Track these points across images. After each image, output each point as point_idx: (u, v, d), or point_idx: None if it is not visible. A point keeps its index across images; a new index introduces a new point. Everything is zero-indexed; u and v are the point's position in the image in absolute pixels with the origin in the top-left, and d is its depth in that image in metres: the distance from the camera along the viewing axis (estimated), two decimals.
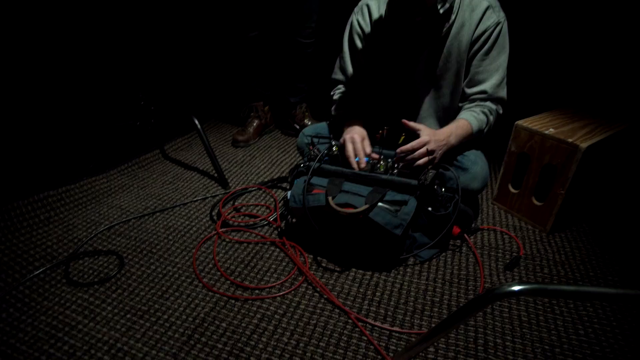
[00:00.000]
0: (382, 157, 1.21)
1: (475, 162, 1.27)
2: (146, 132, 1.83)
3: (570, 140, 1.23)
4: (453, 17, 1.18)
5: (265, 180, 1.64)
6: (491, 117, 1.28)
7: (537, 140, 1.31)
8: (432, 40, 1.23)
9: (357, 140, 1.22)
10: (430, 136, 1.16)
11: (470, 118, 1.25)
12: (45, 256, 1.20)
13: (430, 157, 1.14)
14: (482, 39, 1.20)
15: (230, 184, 1.62)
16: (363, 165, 1.19)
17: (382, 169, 1.18)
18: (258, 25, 1.76)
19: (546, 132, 1.29)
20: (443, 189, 1.15)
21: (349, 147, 1.21)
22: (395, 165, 1.18)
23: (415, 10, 1.11)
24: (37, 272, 1.13)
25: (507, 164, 1.43)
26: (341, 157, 1.25)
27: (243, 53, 1.83)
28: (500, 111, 1.32)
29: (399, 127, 1.21)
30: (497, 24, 1.19)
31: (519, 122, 1.37)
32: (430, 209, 1.15)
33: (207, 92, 2.39)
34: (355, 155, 1.21)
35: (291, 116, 2.06)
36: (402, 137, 1.22)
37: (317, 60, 1.94)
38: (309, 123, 2.00)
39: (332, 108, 1.45)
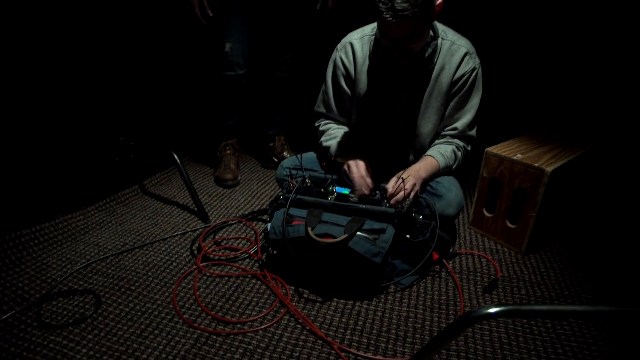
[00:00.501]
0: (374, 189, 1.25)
1: (450, 189, 1.32)
2: (125, 167, 1.82)
3: (536, 164, 1.30)
4: (435, 60, 1.27)
5: (246, 212, 1.65)
6: (459, 154, 1.37)
7: (507, 166, 1.37)
8: (415, 80, 1.31)
9: (362, 171, 1.26)
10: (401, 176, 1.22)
11: (437, 156, 1.33)
12: (15, 299, 1.15)
13: (408, 190, 1.18)
14: (460, 82, 1.29)
15: (211, 218, 1.62)
16: (367, 192, 1.23)
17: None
18: (249, 62, 1.78)
19: (514, 157, 1.35)
20: (420, 216, 1.19)
21: (355, 170, 1.25)
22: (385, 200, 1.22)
23: (403, 55, 1.18)
24: (5, 316, 1.08)
25: (480, 189, 1.49)
26: (345, 179, 1.30)
27: (219, 90, 1.83)
28: (469, 148, 1.41)
29: (384, 160, 1.26)
30: (474, 69, 1.28)
31: (489, 149, 1.43)
32: (408, 236, 1.17)
33: (185, 127, 2.41)
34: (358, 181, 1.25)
35: (269, 149, 2.08)
36: (408, 175, 1.25)
37: (294, 92, 1.99)
38: (288, 155, 2.03)
39: (321, 140, 1.48)
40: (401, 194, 1.17)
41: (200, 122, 2.33)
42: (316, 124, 1.52)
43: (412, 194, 1.19)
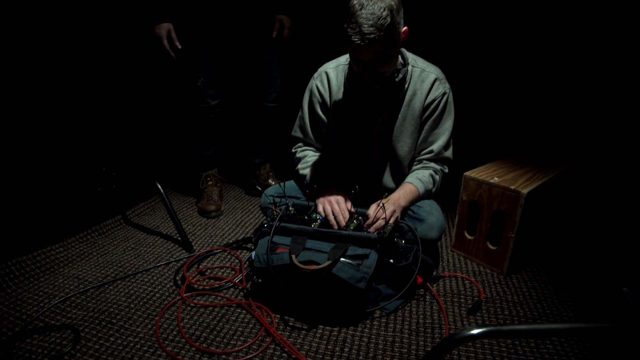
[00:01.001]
0: (356, 214, 1.27)
1: (431, 213, 1.35)
2: (107, 198, 1.81)
3: (513, 187, 1.34)
4: (406, 85, 1.34)
5: (230, 241, 1.64)
6: (437, 177, 1.41)
7: (485, 189, 1.42)
8: (388, 105, 1.36)
9: (340, 201, 1.29)
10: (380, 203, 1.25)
11: (415, 182, 1.37)
12: None
13: (387, 217, 1.21)
14: (432, 106, 1.35)
15: (195, 247, 1.60)
16: (342, 224, 1.25)
17: (352, 227, 1.23)
18: (221, 93, 1.84)
19: (491, 181, 1.40)
20: (403, 241, 1.21)
21: (328, 208, 1.27)
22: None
23: (374, 79, 1.24)
24: None
25: (460, 212, 1.52)
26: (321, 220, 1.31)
27: (195, 121, 1.86)
28: (446, 170, 1.45)
29: (362, 184, 1.29)
30: (444, 94, 1.35)
31: (467, 173, 1.48)
32: (391, 260, 1.19)
33: (168, 157, 2.41)
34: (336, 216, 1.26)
35: (255, 177, 2.10)
36: (387, 197, 1.28)
37: (280, 121, 2.03)
38: (273, 183, 2.05)
39: (298, 167, 1.52)
40: (381, 221, 1.20)
41: (183, 152, 2.34)
42: (293, 150, 1.56)
43: (392, 220, 1.22)
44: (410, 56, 1.36)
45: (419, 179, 1.38)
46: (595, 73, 1.92)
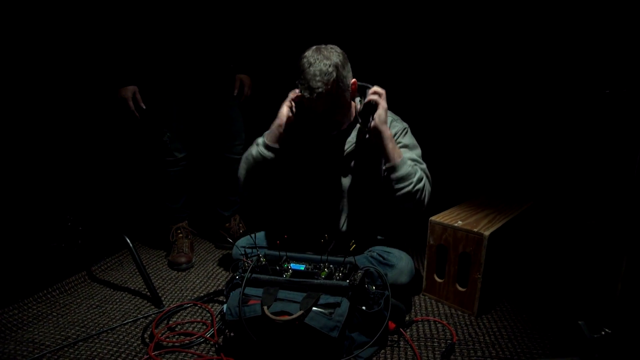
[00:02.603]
0: (327, 263, 1.28)
1: (400, 258, 1.39)
2: (72, 253, 1.75)
3: (476, 229, 1.41)
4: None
5: (202, 295, 1.61)
6: (424, 174, 1.38)
7: (450, 233, 1.48)
8: (345, 146, 1.44)
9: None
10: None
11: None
12: None
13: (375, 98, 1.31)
14: (395, 140, 1.41)
15: (165, 302, 1.56)
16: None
17: (323, 275, 1.24)
18: (187, 146, 1.89)
19: (456, 224, 1.47)
20: (374, 287, 1.23)
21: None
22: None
23: (330, 127, 1.34)
24: None
25: (429, 256, 1.57)
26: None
27: (162, 175, 1.89)
28: (429, 187, 1.41)
29: (317, 225, 1.32)
30: (404, 129, 1.46)
31: (433, 217, 1.54)
32: (363, 307, 1.20)
33: (138, 210, 2.37)
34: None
35: (225, 229, 2.09)
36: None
37: None
38: (244, 234, 2.05)
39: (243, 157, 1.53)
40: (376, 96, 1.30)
41: (151, 205, 2.32)
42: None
43: (380, 102, 1.31)
44: None
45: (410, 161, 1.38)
46: (544, 123, 2.09)
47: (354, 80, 1.33)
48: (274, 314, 1.09)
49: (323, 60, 1.23)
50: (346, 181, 1.47)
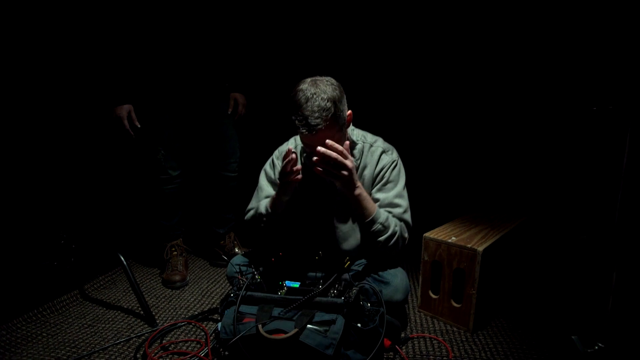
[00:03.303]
0: (321, 280, 1.27)
1: (395, 275, 1.39)
2: (64, 272, 1.73)
3: (469, 245, 1.42)
4: (359, 161, 1.43)
5: (196, 313, 1.59)
6: (398, 227, 1.37)
7: (444, 249, 1.49)
8: None
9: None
10: (353, 168, 1.26)
11: (380, 209, 1.37)
12: None
13: (339, 170, 1.23)
14: (381, 173, 1.43)
15: (158, 321, 1.54)
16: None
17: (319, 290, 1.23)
18: (182, 164, 1.89)
19: (449, 240, 1.48)
20: (369, 304, 1.23)
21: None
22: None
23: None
24: None
25: (423, 272, 1.57)
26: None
27: (157, 192, 1.89)
28: (406, 234, 1.41)
29: (326, 250, 1.32)
30: (392, 162, 1.44)
31: (427, 234, 1.55)
32: (359, 324, 1.20)
33: (132, 228, 2.37)
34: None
35: (220, 247, 2.09)
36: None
37: (242, 191, 2.06)
38: (239, 252, 2.04)
39: (255, 215, 1.47)
40: (334, 154, 1.21)
41: (146, 223, 2.31)
42: (246, 217, 1.52)
43: (343, 161, 1.22)
44: (359, 134, 1.48)
45: (383, 211, 1.37)
46: (535, 141, 2.13)
47: (349, 112, 1.32)
48: (269, 332, 1.08)
49: (321, 94, 1.20)
50: (341, 209, 1.47)
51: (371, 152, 1.45)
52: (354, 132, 1.47)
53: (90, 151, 2.15)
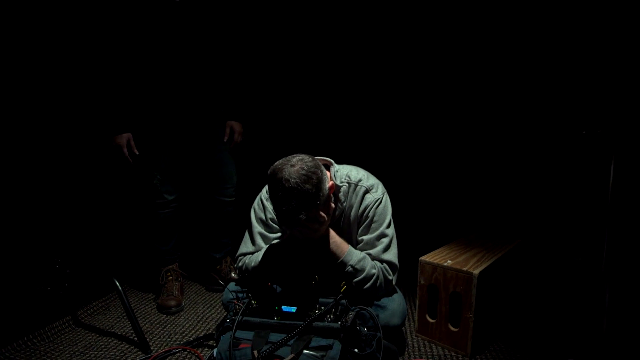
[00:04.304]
0: (318, 304, 1.26)
1: (392, 299, 1.39)
2: (57, 297, 1.71)
3: (465, 268, 1.43)
4: (344, 203, 1.44)
5: (191, 339, 1.57)
6: (375, 269, 1.37)
7: (440, 272, 1.49)
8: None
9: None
10: (327, 224, 1.32)
11: (356, 251, 1.38)
12: None
13: (311, 223, 1.26)
14: (365, 213, 1.43)
15: (152, 347, 1.51)
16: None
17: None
18: (178, 188, 1.91)
19: (445, 264, 1.48)
20: (365, 329, 1.22)
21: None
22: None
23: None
24: None
25: (420, 296, 1.57)
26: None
27: (152, 216, 1.90)
28: (390, 276, 1.40)
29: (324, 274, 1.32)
30: (376, 200, 1.43)
31: (422, 257, 1.56)
32: (356, 349, 1.19)
33: (127, 252, 2.35)
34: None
35: (216, 271, 2.08)
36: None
37: (238, 216, 2.05)
38: (235, 276, 2.03)
39: (249, 266, 1.46)
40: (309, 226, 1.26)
41: (141, 247, 2.30)
42: (240, 264, 1.51)
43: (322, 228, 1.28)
44: (342, 174, 1.45)
45: (359, 254, 1.38)
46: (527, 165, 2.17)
47: (331, 183, 1.31)
48: (265, 358, 1.07)
49: (296, 196, 1.17)
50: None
51: (356, 192, 1.43)
52: (338, 174, 1.44)
53: (86, 175, 2.16)
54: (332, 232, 1.37)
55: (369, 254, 1.40)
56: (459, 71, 2.30)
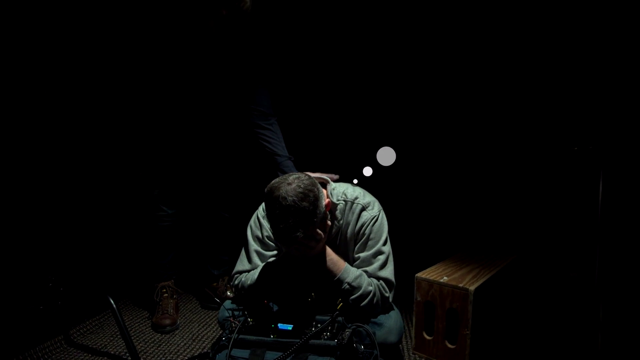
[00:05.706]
0: (314, 322, 1.26)
1: (389, 316, 1.38)
2: (50, 316, 1.68)
3: (461, 285, 1.43)
4: (341, 222, 1.45)
5: (186, 358, 1.55)
6: (372, 285, 1.37)
7: (436, 289, 1.49)
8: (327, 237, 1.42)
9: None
10: (323, 242, 1.35)
11: (353, 268, 1.39)
12: None
13: (307, 241, 1.28)
14: (362, 231, 1.43)
15: None
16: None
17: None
18: (178, 202, 1.90)
19: (441, 280, 1.49)
20: (362, 346, 1.21)
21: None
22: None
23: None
24: None
25: (417, 313, 1.57)
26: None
27: (151, 229, 1.88)
28: (387, 293, 1.40)
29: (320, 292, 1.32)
30: (372, 217, 1.43)
31: (419, 274, 1.56)
32: None
33: (122, 270, 2.33)
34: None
35: (211, 288, 2.06)
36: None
37: (239, 233, 2.06)
38: (231, 295, 2.01)
39: (247, 284, 1.46)
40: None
41: (136, 265, 2.28)
42: (236, 282, 1.50)
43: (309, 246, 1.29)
44: (339, 192, 1.46)
45: (356, 271, 1.39)
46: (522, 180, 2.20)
47: (327, 201, 1.32)
48: None
49: (293, 216, 1.19)
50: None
51: (352, 210, 1.44)
52: (334, 192, 1.45)
53: (80, 192, 2.16)
54: (328, 250, 1.38)
55: (366, 272, 1.40)
56: (455, 88, 2.34)
